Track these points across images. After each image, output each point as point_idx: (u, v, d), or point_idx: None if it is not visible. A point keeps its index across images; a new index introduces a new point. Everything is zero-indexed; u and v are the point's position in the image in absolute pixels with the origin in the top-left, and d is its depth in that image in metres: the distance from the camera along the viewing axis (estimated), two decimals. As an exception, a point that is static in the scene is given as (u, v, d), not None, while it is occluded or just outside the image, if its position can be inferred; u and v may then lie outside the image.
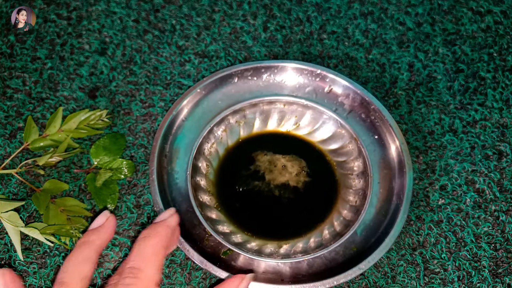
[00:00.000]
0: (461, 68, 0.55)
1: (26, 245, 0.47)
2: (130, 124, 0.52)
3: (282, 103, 0.51)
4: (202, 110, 0.51)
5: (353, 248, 0.45)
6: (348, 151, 0.49)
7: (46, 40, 0.56)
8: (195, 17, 0.57)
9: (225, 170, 0.50)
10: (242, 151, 0.51)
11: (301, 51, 0.56)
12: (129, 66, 0.55)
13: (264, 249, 0.46)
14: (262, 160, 0.50)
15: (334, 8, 0.58)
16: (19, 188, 0.49)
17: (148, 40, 0.56)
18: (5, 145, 0.51)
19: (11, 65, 0.55)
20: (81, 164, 0.50)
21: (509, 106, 0.53)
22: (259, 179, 0.49)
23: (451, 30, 0.57)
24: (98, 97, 0.53)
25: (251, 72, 0.51)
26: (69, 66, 0.55)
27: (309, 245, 0.46)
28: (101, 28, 0.56)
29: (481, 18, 0.57)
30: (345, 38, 0.57)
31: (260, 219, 0.48)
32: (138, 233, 0.47)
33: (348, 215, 0.47)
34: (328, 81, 0.51)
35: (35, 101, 0.53)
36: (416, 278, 0.46)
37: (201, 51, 0.56)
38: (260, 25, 0.57)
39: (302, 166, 0.49)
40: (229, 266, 0.44)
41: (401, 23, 0.57)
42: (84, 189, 0.49)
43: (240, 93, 0.51)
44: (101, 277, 0.46)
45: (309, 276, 0.44)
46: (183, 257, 0.46)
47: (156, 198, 0.45)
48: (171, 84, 0.54)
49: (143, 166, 0.50)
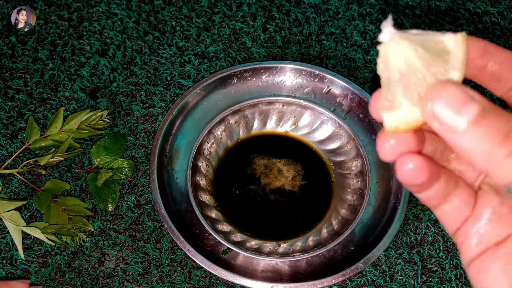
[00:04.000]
0: (459, 68, 0.55)
1: (27, 244, 0.47)
2: (130, 124, 0.52)
3: (281, 104, 0.51)
4: (202, 111, 0.51)
5: (351, 247, 0.46)
6: (347, 151, 0.50)
7: (47, 41, 0.56)
8: (195, 19, 0.58)
9: (224, 170, 0.50)
10: (241, 151, 0.51)
11: (300, 52, 0.56)
12: (130, 67, 0.55)
13: (263, 247, 0.46)
14: (258, 163, 0.50)
15: (332, 10, 0.58)
16: (20, 187, 0.49)
17: (149, 41, 0.56)
18: (7, 145, 0.51)
19: (12, 65, 0.55)
20: (82, 164, 0.51)
21: (506, 107, 0.54)
22: (254, 183, 0.49)
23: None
24: (99, 97, 0.54)
25: (250, 73, 0.52)
26: (70, 67, 0.55)
27: (307, 244, 0.46)
28: (101, 29, 0.57)
29: (478, 19, 0.58)
30: (344, 39, 0.57)
31: (258, 220, 0.48)
32: (139, 233, 0.48)
33: (346, 214, 0.47)
34: (327, 82, 0.51)
35: (36, 101, 0.53)
36: (414, 277, 0.46)
37: (201, 52, 0.56)
38: (259, 26, 0.57)
39: (298, 170, 0.50)
40: (228, 265, 0.45)
41: (399, 24, 0.58)
42: (85, 189, 0.50)
43: (239, 94, 0.52)
44: (102, 275, 0.46)
45: (308, 274, 0.44)
46: (183, 256, 0.47)
47: (156, 197, 0.46)
48: (171, 84, 0.54)
49: (143, 166, 0.51)
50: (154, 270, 0.46)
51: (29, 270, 0.46)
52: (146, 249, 0.47)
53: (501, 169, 0.17)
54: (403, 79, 0.19)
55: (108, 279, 0.46)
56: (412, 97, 0.19)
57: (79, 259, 0.47)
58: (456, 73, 0.19)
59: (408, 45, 0.19)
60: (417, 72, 0.19)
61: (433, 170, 0.19)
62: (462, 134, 0.17)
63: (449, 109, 0.17)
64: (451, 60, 0.19)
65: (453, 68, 0.19)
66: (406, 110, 0.19)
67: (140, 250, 0.47)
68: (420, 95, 0.19)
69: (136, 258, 0.47)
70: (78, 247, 0.47)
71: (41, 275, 0.46)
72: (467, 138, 0.17)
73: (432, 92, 0.18)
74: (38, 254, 0.47)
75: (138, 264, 0.47)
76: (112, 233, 0.48)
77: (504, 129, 0.17)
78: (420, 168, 0.19)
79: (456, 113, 0.17)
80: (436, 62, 0.19)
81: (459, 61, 0.19)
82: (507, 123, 0.17)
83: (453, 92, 0.17)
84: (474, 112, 0.17)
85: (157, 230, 0.48)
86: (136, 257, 0.47)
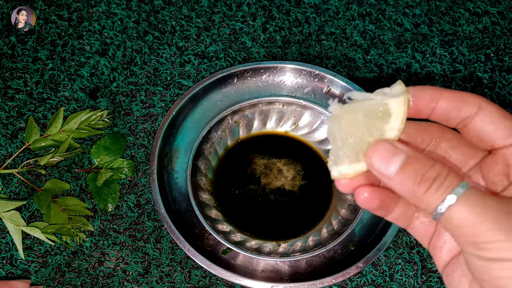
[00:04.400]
0: (459, 68, 0.55)
1: (27, 244, 0.47)
2: (130, 124, 0.52)
3: (281, 104, 0.51)
4: (201, 111, 0.51)
5: (351, 247, 0.46)
6: (347, 151, 0.50)
7: (47, 41, 0.56)
8: (194, 19, 0.58)
9: (224, 170, 0.50)
10: (241, 151, 0.51)
11: (300, 52, 0.56)
12: (130, 67, 0.55)
13: (263, 247, 0.46)
14: (258, 163, 0.50)
15: (332, 10, 0.58)
16: (20, 187, 0.49)
17: (148, 41, 0.56)
18: (7, 145, 0.51)
19: (12, 65, 0.55)
20: (82, 164, 0.51)
21: (506, 106, 0.54)
22: (254, 183, 0.49)
23: (448, 31, 0.57)
24: (99, 97, 0.54)
25: (250, 73, 0.52)
26: (70, 67, 0.55)
27: (307, 243, 0.46)
28: (101, 29, 0.57)
29: (478, 19, 0.58)
30: (344, 39, 0.57)
31: (257, 220, 0.48)
32: (139, 232, 0.48)
33: (346, 214, 0.47)
34: (327, 82, 0.51)
35: (36, 101, 0.53)
36: (414, 277, 0.46)
37: (200, 52, 0.56)
38: (259, 26, 0.57)
39: (298, 170, 0.50)
40: (228, 265, 0.45)
41: (399, 24, 0.58)
42: (85, 189, 0.50)
43: (239, 94, 0.52)
44: (102, 275, 0.46)
45: (308, 274, 0.44)
46: (183, 256, 0.47)
47: (156, 197, 0.46)
48: (171, 84, 0.54)
49: (143, 165, 0.51)
50: (154, 270, 0.46)
51: (29, 270, 0.46)
52: (146, 249, 0.47)
53: (422, 203, 0.22)
54: (344, 143, 0.24)
55: (108, 279, 0.46)
56: (350, 157, 0.24)
57: (79, 259, 0.47)
58: (394, 132, 0.23)
59: (349, 116, 0.24)
60: (356, 136, 0.23)
61: (384, 197, 0.25)
62: (393, 179, 0.22)
63: (381, 162, 0.23)
64: (392, 121, 0.23)
65: (392, 128, 0.23)
66: (345, 168, 0.24)
67: (140, 250, 0.47)
68: (359, 154, 0.23)
69: (136, 258, 0.47)
70: (78, 247, 0.47)
71: (41, 275, 0.46)
72: (397, 181, 0.22)
73: (370, 150, 0.23)
74: (38, 254, 0.47)
75: (138, 264, 0.47)
76: (112, 233, 0.48)
77: (422, 172, 0.22)
78: (372, 196, 0.24)
79: (387, 165, 0.22)
80: (375, 125, 0.23)
81: (399, 121, 0.23)
82: (424, 168, 0.22)
83: (383, 149, 0.23)
84: (399, 162, 0.22)
85: (157, 230, 0.48)
86: (136, 257, 0.47)
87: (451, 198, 0.21)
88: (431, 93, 0.24)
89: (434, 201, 0.21)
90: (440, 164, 0.22)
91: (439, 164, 0.22)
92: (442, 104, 0.24)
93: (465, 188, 0.21)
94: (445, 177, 0.21)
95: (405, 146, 0.23)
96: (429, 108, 0.24)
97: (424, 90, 0.24)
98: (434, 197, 0.21)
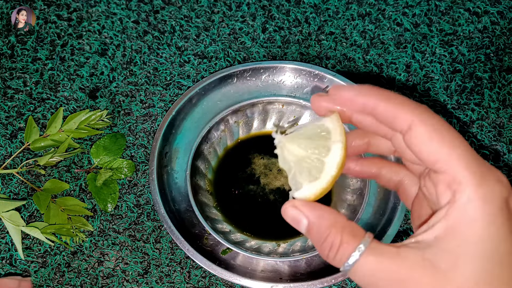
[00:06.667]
0: (458, 68, 0.55)
1: (27, 244, 0.47)
2: (130, 124, 0.52)
3: (280, 104, 0.51)
4: (201, 111, 0.51)
5: (351, 247, 0.45)
6: (346, 150, 0.50)
7: (46, 41, 0.56)
8: (194, 18, 0.58)
9: (224, 170, 0.50)
10: (241, 151, 0.51)
11: (300, 52, 0.56)
12: (129, 67, 0.55)
13: (263, 247, 0.46)
14: (258, 163, 0.50)
15: (332, 9, 0.58)
16: (20, 187, 0.49)
17: (148, 41, 0.56)
18: (6, 145, 0.51)
19: (12, 65, 0.55)
20: (81, 164, 0.51)
21: (505, 106, 0.54)
22: (254, 183, 0.49)
23: (448, 31, 0.57)
24: (98, 97, 0.54)
25: (250, 73, 0.52)
26: (70, 67, 0.55)
27: (307, 243, 0.46)
28: (101, 29, 0.57)
29: (478, 18, 0.58)
30: (343, 39, 0.57)
31: (257, 220, 0.48)
32: (138, 233, 0.48)
33: (346, 214, 0.47)
34: (326, 82, 0.51)
35: (35, 101, 0.53)
36: (414, 277, 0.46)
37: (200, 52, 0.56)
38: (259, 26, 0.57)
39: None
40: (228, 265, 0.45)
41: (399, 23, 0.58)
42: (84, 189, 0.50)
43: (239, 94, 0.52)
44: (101, 275, 0.46)
45: (308, 274, 0.44)
46: (183, 256, 0.47)
47: (156, 197, 0.46)
48: (171, 84, 0.54)
49: (143, 166, 0.51)
50: (153, 270, 0.46)
51: (28, 270, 0.46)
52: (145, 249, 0.47)
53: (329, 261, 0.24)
54: (297, 167, 0.26)
55: (107, 279, 0.46)
56: (306, 179, 0.26)
57: (78, 259, 0.47)
58: (338, 144, 0.25)
59: (292, 144, 0.26)
60: (306, 159, 0.26)
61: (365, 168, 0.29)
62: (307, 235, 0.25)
63: (293, 223, 0.26)
64: (332, 136, 0.26)
65: (334, 141, 0.25)
66: (306, 189, 0.26)
67: (139, 250, 0.47)
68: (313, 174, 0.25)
69: (136, 258, 0.47)
70: (77, 247, 0.47)
71: (41, 275, 0.46)
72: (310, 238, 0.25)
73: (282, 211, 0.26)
74: (37, 254, 0.47)
75: (137, 264, 0.47)
76: (111, 233, 0.48)
77: (323, 236, 0.24)
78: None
79: (298, 226, 0.25)
80: (320, 144, 0.26)
81: (337, 134, 0.25)
82: (324, 233, 0.24)
83: (290, 216, 0.26)
84: (303, 227, 0.25)
85: (157, 230, 0.48)
86: (135, 257, 0.47)
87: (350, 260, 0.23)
88: (363, 102, 0.24)
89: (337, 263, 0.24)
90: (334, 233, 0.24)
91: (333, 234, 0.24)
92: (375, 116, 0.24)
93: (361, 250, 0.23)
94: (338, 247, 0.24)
95: (307, 209, 0.25)
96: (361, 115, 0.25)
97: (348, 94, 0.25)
98: (336, 259, 0.24)
